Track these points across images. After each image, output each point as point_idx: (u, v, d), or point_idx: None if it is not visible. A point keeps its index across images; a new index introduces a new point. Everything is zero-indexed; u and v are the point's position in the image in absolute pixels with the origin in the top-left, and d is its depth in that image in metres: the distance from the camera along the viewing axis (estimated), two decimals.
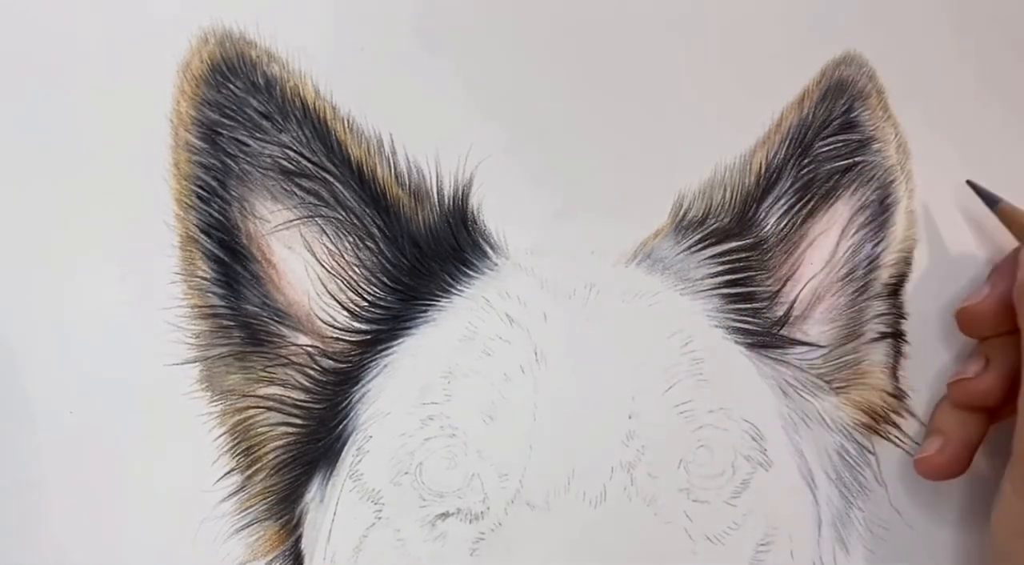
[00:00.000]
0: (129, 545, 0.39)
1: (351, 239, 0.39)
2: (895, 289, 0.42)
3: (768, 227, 0.41)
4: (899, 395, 0.42)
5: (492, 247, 0.40)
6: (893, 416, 0.42)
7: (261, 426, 0.39)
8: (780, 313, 0.41)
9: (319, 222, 0.39)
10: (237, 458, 0.39)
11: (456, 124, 0.40)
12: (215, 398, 0.39)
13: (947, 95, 0.41)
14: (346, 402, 0.39)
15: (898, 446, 0.41)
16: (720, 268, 0.41)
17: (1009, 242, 0.40)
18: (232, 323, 0.39)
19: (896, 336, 0.42)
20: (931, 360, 0.42)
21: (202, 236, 0.39)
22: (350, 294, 0.39)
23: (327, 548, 0.39)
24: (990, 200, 0.40)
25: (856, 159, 0.41)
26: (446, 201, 0.40)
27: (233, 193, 0.39)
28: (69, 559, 0.39)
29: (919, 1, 0.41)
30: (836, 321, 0.42)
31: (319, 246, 0.39)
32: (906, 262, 0.42)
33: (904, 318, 0.42)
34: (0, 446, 0.39)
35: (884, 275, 0.42)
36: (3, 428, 0.39)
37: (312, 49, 0.39)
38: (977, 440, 0.40)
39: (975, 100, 0.42)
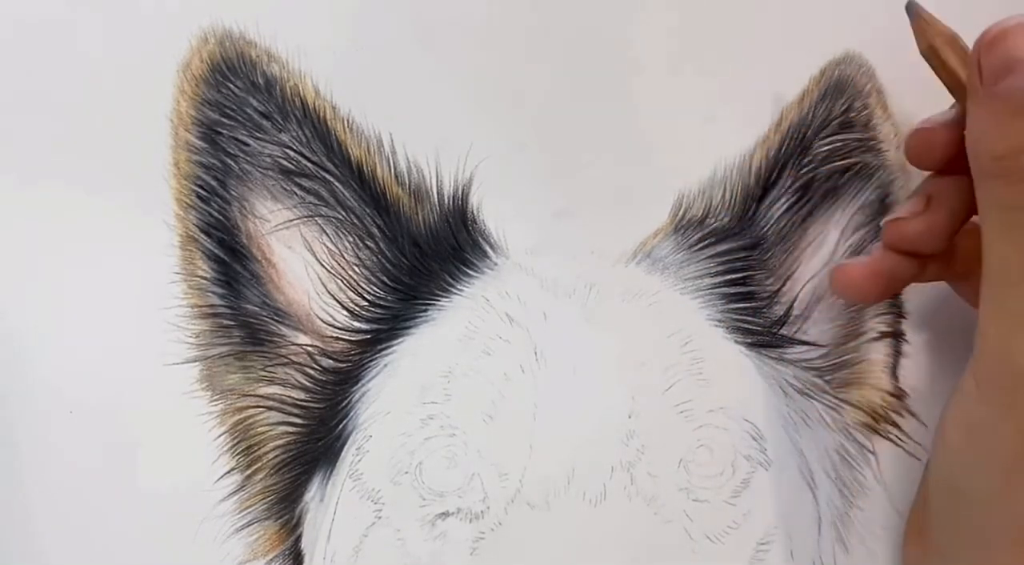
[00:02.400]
0: (129, 544, 0.39)
1: (351, 239, 0.39)
2: None
3: (768, 226, 0.41)
4: (899, 394, 0.42)
5: (492, 247, 0.40)
6: (893, 415, 0.42)
7: (261, 425, 0.39)
8: (780, 312, 0.41)
9: (319, 222, 0.39)
10: (237, 457, 0.39)
11: (456, 124, 0.40)
12: (215, 398, 0.39)
13: (947, 95, 0.41)
14: (346, 401, 0.39)
15: (898, 445, 0.41)
16: (720, 267, 0.41)
17: None
18: (232, 322, 0.39)
19: (896, 335, 0.42)
20: (931, 359, 0.42)
21: (202, 236, 0.39)
22: (350, 294, 0.40)
23: (327, 547, 0.39)
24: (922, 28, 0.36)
25: (856, 159, 0.41)
26: (446, 201, 0.40)
27: (233, 193, 0.39)
28: (69, 558, 0.39)
29: (918, 1, 0.41)
30: (836, 320, 0.42)
31: (319, 246, 0.39)
32: None
33: (904, 317, 0.42)
34: (0, 445, 0.39)
35: None
36: (2, 427, 0.39)
37: (312, 49, 0.39)
38: (907, 282, 0.37)
39: None
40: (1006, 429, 0.31)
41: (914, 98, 0.41)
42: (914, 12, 0.35)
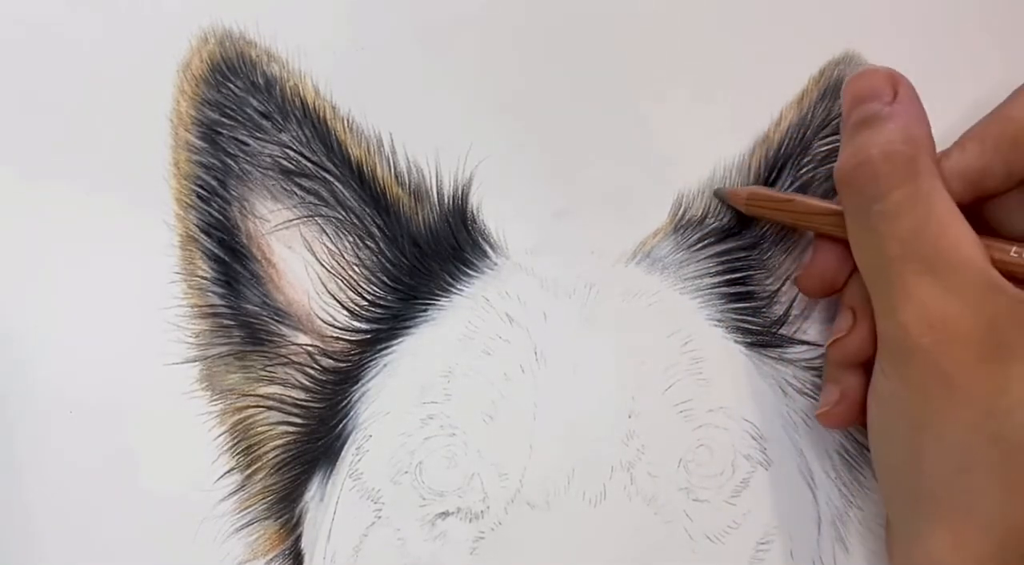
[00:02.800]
0: (129, 544, 0.39)
1: (351, 238, 0.39)
2: None
3: (767, 226, 0.41)
4: None
5: (492, 246, 0.40)
6: None
7: (261, 425, 0.39)
8: (780, 312, 0.41)
9: (319, 221, 0.39)
10: (237, 457, 0.39)
11: (456, 124, 0.40)
12: (215, 397, 0.39)
13: (946, 95, 0.41)
14: (346, 401, 0.39)
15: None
16: (720, 267, 0.41)
17: None
18: (232, 322, 0.39)
19: None
20: None
21: (202, 235, 0.39)
22: (350, 293, 0.40)
23: (327, 547, 0.39)
24: (731, 196, 0.40)
25: None
26: (446, 201, 0.40)
27: (233, 192, 0.39)
28: (69, 557, 0.39)
29: (919, 1, 0.41)
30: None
31: (319, 245, 0.39)
32: None
33: None
34: (0, 445, 0.39)
35: None
36: (3, 427, 0.39)
37: (312, 49, 0.39)
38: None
39: (974, 100, 0.42)
40: (906, 397, 0.34)
41: None
42: (720, 195, 0.40)
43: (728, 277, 0.41)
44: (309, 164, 0.39)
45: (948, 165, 0.35)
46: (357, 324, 0.40)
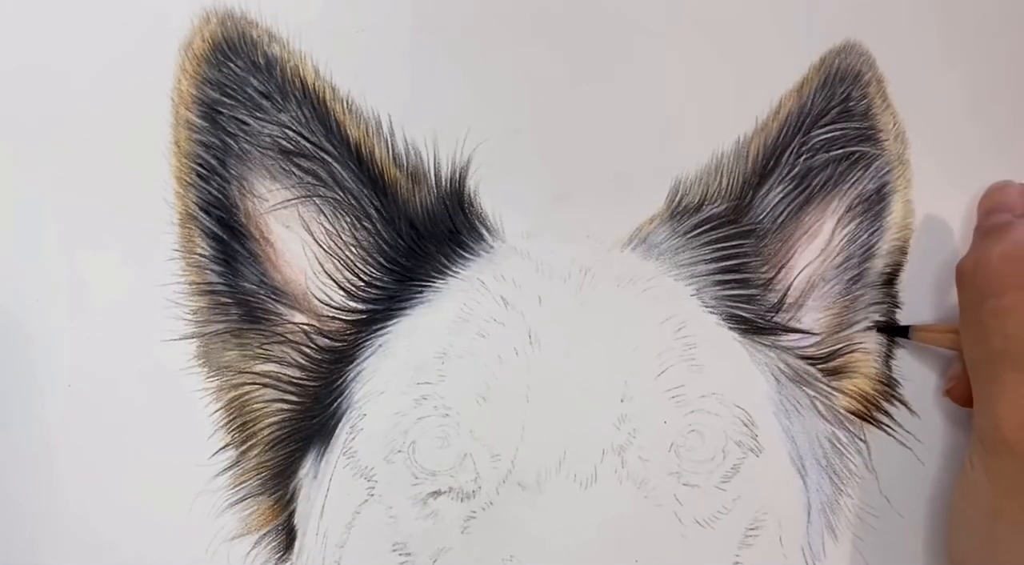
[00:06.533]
0: (123, 517, 0.40)
1: (348, 219, 0.40)
2: (890, 278, 0.42)
3: (764, 214, 0.41)
4: (891, 384, 0.42)
5: (488, 230, 0.40)
6: (885, 404, 0.42)
7: (256, 402, 0.40)
8: (774, 300, 0.41)
9: (317, 202, 0.40)
10: (232, 433, 0.40)
11: (454, 107, 0.40)
12: (211, 374, 0.40)
13: (947, 84, 0.41)
14: (341, 380, 0.40)
15: (889, 434, 0.42)
16: (715, 254, 0.41)
17: None
18: (229, 300, 0.40)
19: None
20: (924, 349, 0.42)
21: (201, 214, 0.39)
22: (346, 274, 0.40)
23: (320, 523, 0.39)
24: (902, 331, 0.42)
25: (854, 148, 0.41)
26: (443, 183, 0.40)
27: (232, 172, 0.39)
28: (64, 531, 0.40)
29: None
30: (830, 309, 0.42)
31: (316, 226, 0.40)
32: (902, 251, 0.42)
33: (899, 307, 0.42)
34: (0, 419, 0.40)
35: (879, 264, 0.42)
36: (3, 401, 0.40)
37: (312, 30, 0.39)
38: None
39: (975, 90, 0.42)
40: (987, 488, 0.36)
41: (914, 88, 0.41)
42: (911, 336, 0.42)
43: (723, 264, 0.41)
44: (308, 144, 0.39)
45: None
46: (353, 304, 0.40)
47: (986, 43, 0.42)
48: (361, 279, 0.40)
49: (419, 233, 0.40)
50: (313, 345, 0.40)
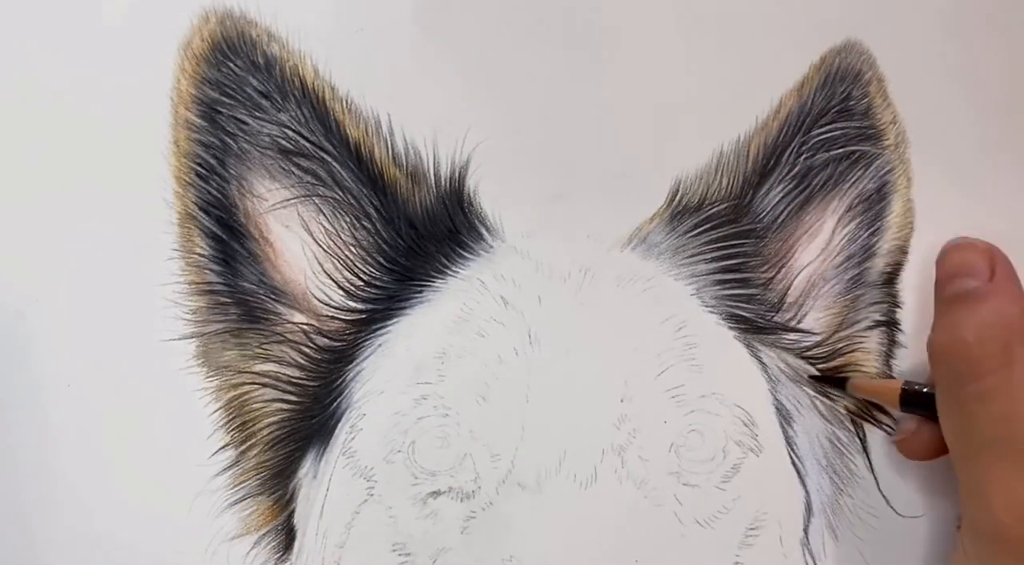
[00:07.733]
0: (123, 517, 0.40)
1: (348, 219, 0.40)
2: (891, 278, 0.42)
3: (765, 214, 0.41)
4: None
5: (488, 229, 0.40)
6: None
7: (256, 402, 0.40)
8: (775, 300, 0.41)
9: (316, 201, 0.40)
10: (232, 433, 0.40)
11: (454, 106, 0.40)
12: (211, 374, 0.40)
13: (947, 84, 0.41)
14: (340, 380, 0.40)
15: (889, 434, 0.41)
16: (715, 254, 0.41)
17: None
18: (229, 300, 0.40)
19: (891, 325, 0.42)
20: (925, 349, 0.42)
21: (200, 214, 0.39)
22: (346, 273, 0.40)
23: (319, 523, 0.40)
24: (838, 383, 0.41)
25: (854, 147, 0.41)
26: (443, 183, 0.40)
27: (232, 171, 0.39)
28: (63, 530, 0.40)
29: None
30: (831, 309, 0.42)
31: (316, 225, 0.40)
32: (902, 251, 0.42)
33: (899, 307, 0.42)
34: (0, 418, 0.40)
35: (880, 264, 0.42)
36: (3, 400, 0.40)
37: (312, 29, 0.39)
38: None
39: (976, 89, 0.42)
40: None
41: (914, 87, 0.41)
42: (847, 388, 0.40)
43: (723, 264, 0.41)
44: (307, 144, 0.39)
45: None
46: (352, 304, 0.40)
47: (986, 43, 0.42)
48: (361, 279, 0.40)
49: (419, 233, 0.40)
50: (312, 345, 0.40)
